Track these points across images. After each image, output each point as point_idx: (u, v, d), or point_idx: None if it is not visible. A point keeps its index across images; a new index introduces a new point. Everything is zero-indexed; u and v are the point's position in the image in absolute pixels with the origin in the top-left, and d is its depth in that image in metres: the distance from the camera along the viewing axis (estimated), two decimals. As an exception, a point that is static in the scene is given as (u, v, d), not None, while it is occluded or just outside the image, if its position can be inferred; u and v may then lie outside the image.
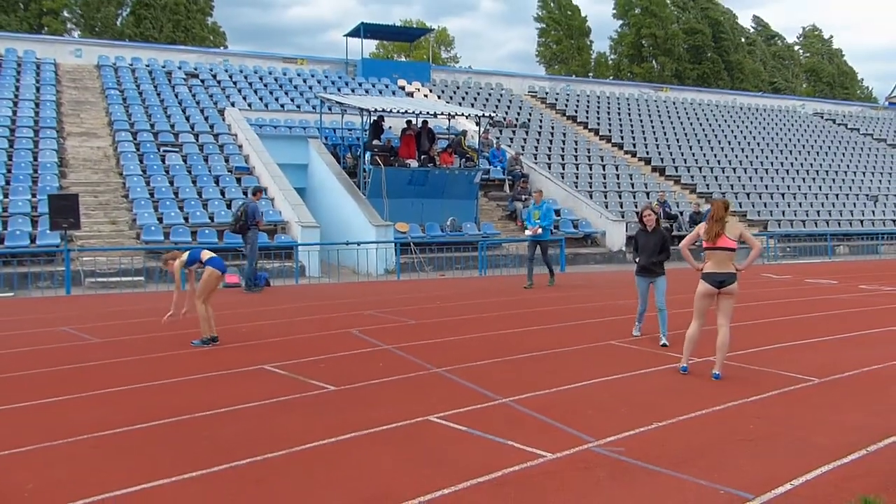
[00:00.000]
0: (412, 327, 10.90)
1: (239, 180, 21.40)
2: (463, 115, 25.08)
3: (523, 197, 24.07)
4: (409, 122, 23.37)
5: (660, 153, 32.57)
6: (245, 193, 20.66)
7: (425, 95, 32.91)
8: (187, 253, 9.26)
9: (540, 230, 15.62)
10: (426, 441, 5.73)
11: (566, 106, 36.66)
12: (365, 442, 5.70)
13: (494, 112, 30.64)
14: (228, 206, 19.82)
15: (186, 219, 18.97)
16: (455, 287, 16.15)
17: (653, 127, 35.96)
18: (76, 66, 29.48)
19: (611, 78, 62.39)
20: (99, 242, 17.90)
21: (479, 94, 35.38)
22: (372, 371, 8.00)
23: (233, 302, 13.72)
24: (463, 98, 34.06)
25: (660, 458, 5.28)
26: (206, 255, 9.26)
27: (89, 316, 12.15)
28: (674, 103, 40.50)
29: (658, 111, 38.55)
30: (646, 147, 33.02)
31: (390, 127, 24.94)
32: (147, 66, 30.09)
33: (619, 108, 37.76)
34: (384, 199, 20.58)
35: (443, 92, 34.16)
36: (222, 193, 20.55)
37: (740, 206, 28.33)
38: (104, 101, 26.33)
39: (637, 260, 9.52)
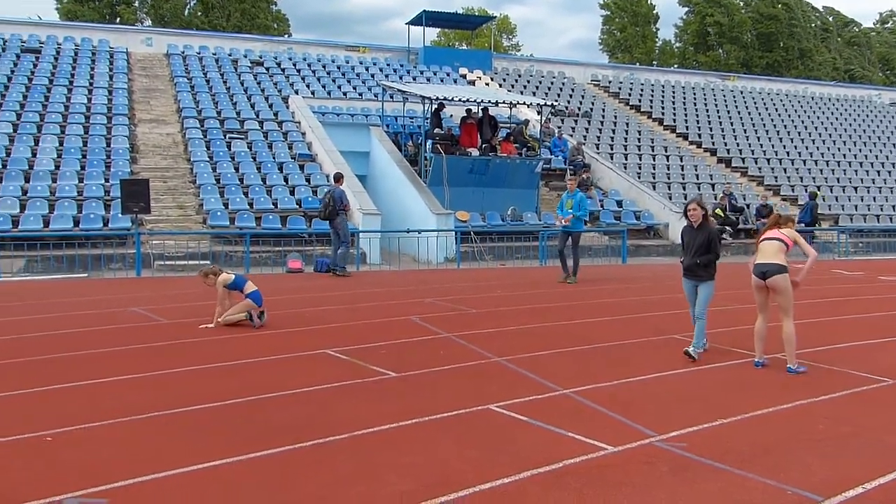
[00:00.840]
0: (472, 316, 10.91)
1: (302, 167, 21.68)
2: (524, 103, 24.91)
3: (585, 187, 23.85)
4: (468, 110, 23.33)
5: (726, 144, 31.87)
6: (307, 181, 20.95)
7: (487, 84, 32.79)
8: (233, 277, 9.85)
9: (566, 221, 14.65)
10: (487, 429, 5.73)
11: (629, 95, 36.12)
12: (426, 428, 5.74)
13: (556, 101, 30.38)
14: (292, 193, 20.11)
15: (251, 204, 19.31)
16: (515, 276, 16.10)
17: (719, 117, 35.20)
18: (147, 54, 30.20)
19: (675, 66, 61.25)
20: (167, 226, 18.36)
21: (540, 82, 35.10)
22: (432, 358, 8.04)
23: (296, 287, 13.93)
24: (524, 86, 33.84)
25: (724, 455, 5.19)
26: (250, 287, 9.86)
27: (158, 297, 12.48)
28: (741, 92, 39.55)
29: (725, 100, 37.71)
30: (711, 137, 32.35)
31: (451, 115, 24.94)
32: (214, 54, 30.67)
33: (684, 98, 37.05)
34: (445, 187, 20.59)
35: (504, 80, 33.99)
36: (286, 180, 20.85)
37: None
38: (173, 88, 26.94)
39: (681, 260, 8.50)
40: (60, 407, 6.23)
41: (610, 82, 37.55)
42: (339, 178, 16.58)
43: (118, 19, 49.80)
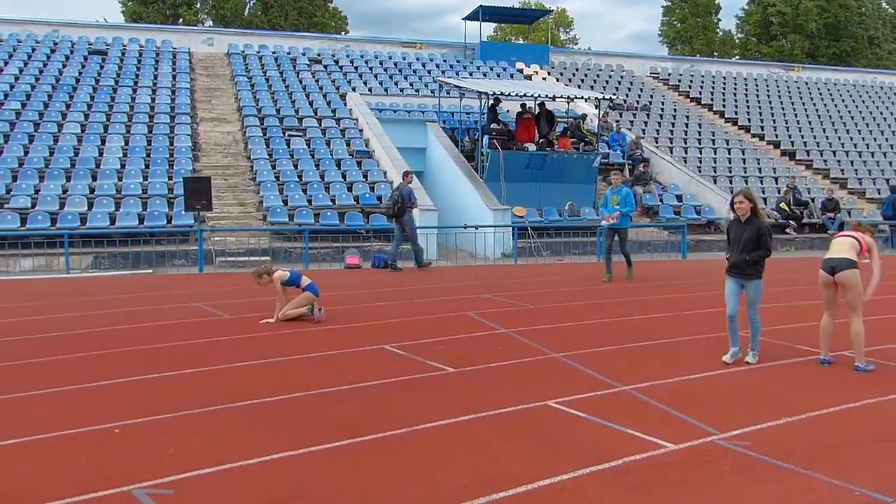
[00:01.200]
0: (529, 312, 10.89)
1: (359, 164, 21.88)
2: (582, 97, 24.67)
3: (644, 181, 23.57)
4: (525, 105, 23.23)
5: (790, 136, 31.09)
6: (365, 177, 21.13)
7: (544, 78, 32.59)
8: (288, 273, 10.04)
9: (613, 219, 14.03)
10: (545, 426, 5.73)
11: (690, 87, 35.50)
12: (484, 424, 5.76)
13: (614, 94, 30.02)
14: (349, 189, 20.31)
15: (310, 201, 19.57)
16: (573, 272, 16.00)
17: (783, 108, 34.35)
18: (208, 54, 30.82)
19: (737, 57, 59.95)
20: (228, 223, 18.74)
21: (598, 76, 34.75)
22: (490, 354, 8.05)
23: (354, 282, 14.08)
24: (582, 80, 33.54)
25: (788, 455, 5.09)
26: (305, 281, 10.07)
27: (220, 293, 12.76)
28: (806, 83, 38.53)
29: (789, 92, 36.78)
30: (774, 129, 31.59)
31: (507, 110, 24.86)
32: (273, 52, 31.13)
33: (746, 89, 36.25)
34: (502, 182, 20.56)
35: (561, 74, 33.74)
36: (343, 176, 21.06)
37: (878, 194, 26.69)
38: (234, 87, 27.45)
39: (727, 256, 7.87)
40: (128, 399, 6.42)
41: (669, 75, 36.96)
42: (406, 175, 16.80)
43: (180, 20, 50.91)
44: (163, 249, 17.02)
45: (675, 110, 31.87)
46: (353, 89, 27.74)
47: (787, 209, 23.16)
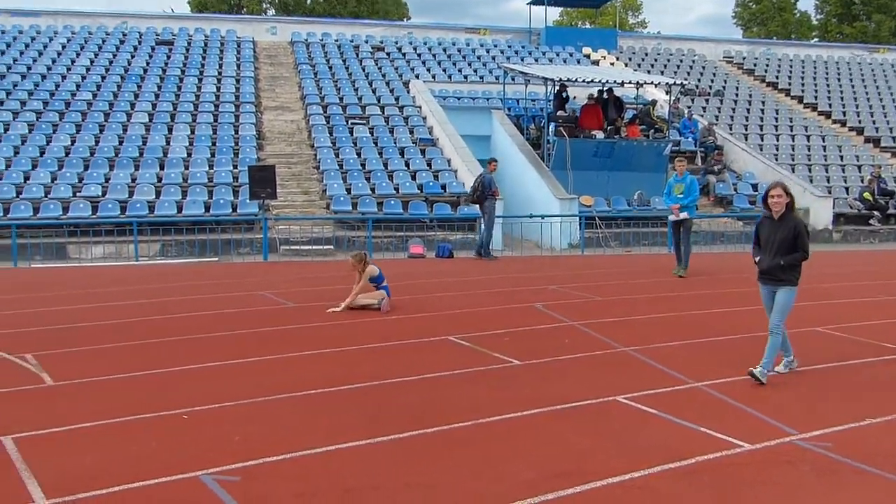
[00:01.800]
0: (597, 303, 10.79)
1: (423, 151, 21.95)
2: (652, 83, 24.28)
3: (716, 170, 23.09)
4: (593, 92, 22.94)
5: (874, 122, 30.00)
6: (429, 165, 21.18)
7: (612, 63, 32.13)
8: (377, 271, 10.23)
9: (684, 213, 13.37)
10: (614, 421, 5.67)
11: (766, 71, 34.54)
12: (552, 418, 5.73)
13: (686, 79, 29.42)
14: (413, 178, 20.39)
15: (373, 189, 19.72)
16: (642, 264, 15.79)
17: (866, 92, 33.14)
18: (272, 43, 31.27)
19: (816, 40, 58.09)
20: (292, 212, 19.02)
21: (668, 60, 34.09)
22: (557, 347, 8.00)
23: (418, 272, 14.14)
24: (652, 65, 32.95)
25: (874, 458, 4.93)
26: (385, 283, 10.33)
27: (284, 282, 12.97)
28: (892, 66, 37.10)
29: (873, 74, 35.46)
30: (857, 115, 30.52)
31: (574, 97, 24.60)
32: (336, 40, 31.41)
33: (826, 73, 35.10)
34: (568, 171, 20.38)
35: (630, 59, 33.22)
36: (407, 165, 21.16)
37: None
38: (297, 75, 27.80)
39: (757, 260, 6.95)
40: (196, 386, 6.59)
41: (744, 58, 36.01)
42: (490, 162, 16.81)
43: (244, 10, 51.78)
44: (228, 237, 17.39)
45: (750, 96, 31.07)
46: (417, 76, 27.82)
47: (871, 199, 22.40)
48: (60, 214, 17.44)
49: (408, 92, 26.30)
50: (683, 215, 13.42)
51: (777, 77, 33.97)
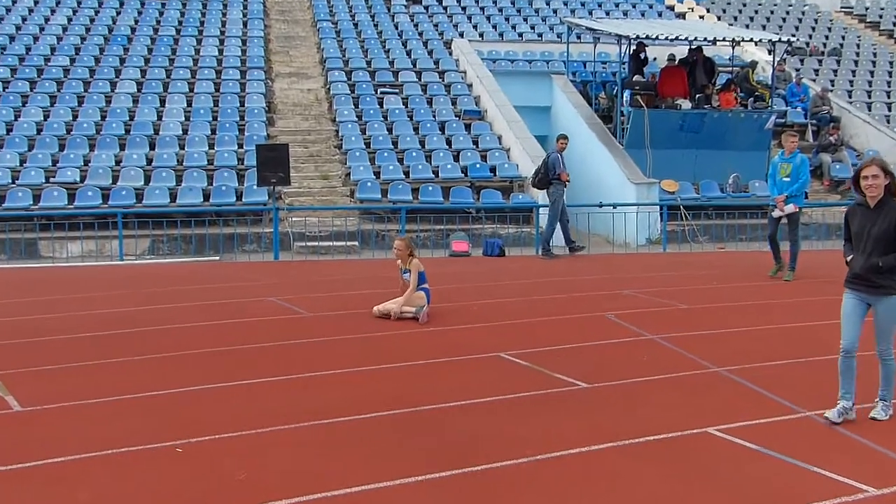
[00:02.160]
0: (683, 313, 10.73)
1: (468, 127, 21.95)
2: (751, 40, 23.98)
3: (832, 147, 22.73)
4: (678, 56, 22.74)
5: None
6: (475, 143, 21.19)
7: (701, 17, 31.84)
8: (422, 269, 10.30)
9: (791, 206, 12.92)
10: (704, 459, 5.63)
11: (894, 25, 33.95)
12: (625, 454, 5.70)
13: (793, 36, 29.02)
14: (456, 159, 20.40)
15: (407, 173, 19.77)
16: (738, 263, 15.62)
17: None
18: (285, -6, 31.54)
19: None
20: (309, 200, 19.16)
21: (772, 13, 33.67)
22: (632, 366, 7.97)
23: (462, 273, 14.16)
24: (751, 19, 32.59)
25: None
26: (426, 286, 10.33)
27: (299, 285, 13.07)
28: None
29: None
30: None
31: (654, 58, 24.40)
32: (363, -8, 31.53)
33: (972, 26, 34.39)
34: (647, 149, 20.26)
35: (724, 12, 32.87)
36: (448, 143, 21.18)
37: None
38: (316, 35, 27.98)
39: (848, 260, 6.49)
40: (194, 412, 6.66)
41: (867, 9, 35.42)
42: (559, 139, 16.85)
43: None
44: (231, 232, 17.58)
45: (874, 55, 30.55)
46: (461, 35, 27.81)
47: None
48: (30, 205, 17.66)
49: (450, 54, 26.33)
50: (790, 209, 13.07)
51: (909, 31, 33.41)
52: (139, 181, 18.73)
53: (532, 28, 29.43)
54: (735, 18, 32.31)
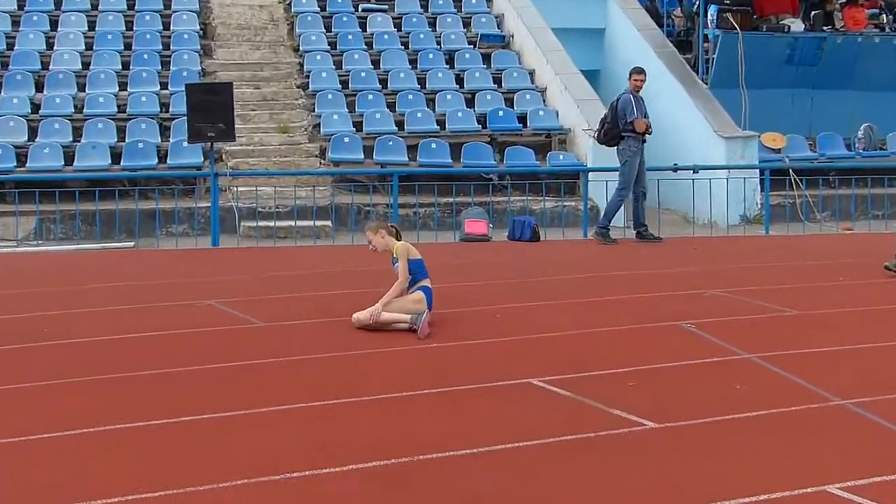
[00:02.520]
0: (792, 321, 10.74)
1: (488, 59, 21.88)
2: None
3: None
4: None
5: None
6: (497, 82, 21.13)
7: None
8: (418, 256, 10.24)
9: None
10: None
11: None
12: (714, 523, 5.72)
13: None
14: (469, 104, 20.36)
15: (400, 124, 19.74)
16: (872, 250, 15.56)
17: None
18: None
19: None
20: (263, 163, 19.14)
21: None
22: (720, 397, 7.97)
23: (479, 264, 14.17)
24: None
25: None
26: (427, 282, 10.21)
27: (249, 283, 13.08)
28: None
29: None
30: None
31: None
32: None
33: None
34: (742, 90, 20.27)
35: None
36: (459, 81, 21.12)
37: None
38: (270, -74, 27.94)
39: None
40: (107, 462, 6.64)
41: None
42: (634, 74, 16.68)
43: None
44: (152, 207, 17.52)
45: None
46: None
47: None
48: None
49: (460, -47, 26.31)
50: None
51: None
52: (21, 136, 18.71)
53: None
54: None
